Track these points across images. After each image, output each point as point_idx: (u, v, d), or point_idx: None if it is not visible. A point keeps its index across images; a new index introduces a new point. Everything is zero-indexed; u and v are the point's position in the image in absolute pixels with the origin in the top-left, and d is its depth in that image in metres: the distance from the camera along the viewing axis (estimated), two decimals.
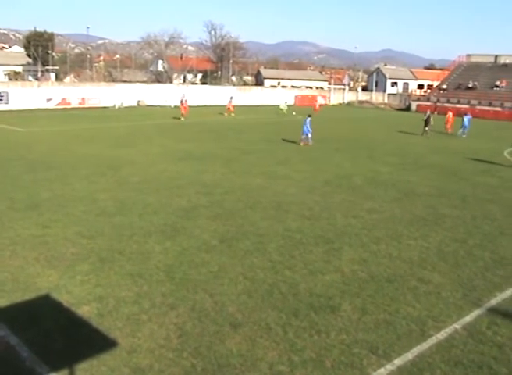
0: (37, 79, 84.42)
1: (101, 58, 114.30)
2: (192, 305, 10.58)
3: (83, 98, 71.79)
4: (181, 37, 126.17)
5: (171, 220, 16.52)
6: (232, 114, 61.87)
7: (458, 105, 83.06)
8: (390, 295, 11.46)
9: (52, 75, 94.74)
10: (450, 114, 53.09)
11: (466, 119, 49.37)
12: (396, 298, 11.32)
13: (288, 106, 70.15)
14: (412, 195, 21.81)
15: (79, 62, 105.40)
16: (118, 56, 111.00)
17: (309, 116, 37.82)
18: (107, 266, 12.51)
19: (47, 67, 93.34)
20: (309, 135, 36.74)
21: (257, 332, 9.56)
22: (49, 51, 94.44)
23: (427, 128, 48.29)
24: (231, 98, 65.44)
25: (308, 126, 36.61)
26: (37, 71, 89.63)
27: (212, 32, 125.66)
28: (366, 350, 9.09)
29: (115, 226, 15.68)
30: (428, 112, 51.21)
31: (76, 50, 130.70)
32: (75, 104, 70.21)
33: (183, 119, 54.42)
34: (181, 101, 59.69)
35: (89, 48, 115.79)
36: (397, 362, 8.75)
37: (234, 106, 64.33)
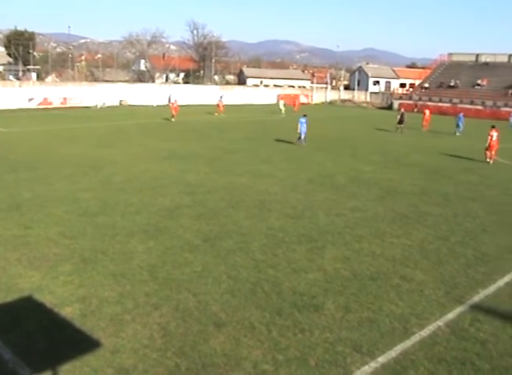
0: (18, 78, 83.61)
1: (83, 57, 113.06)
2: (175, 304, 10.54)
3: (64, 98, 71.21)
4: (163, 37, 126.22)
5: (154, 220, 16.45)
6: (222, 114, 61.17)
7: (440, 104, 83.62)
8: (373, 293, 11.46)
9: (34, 74, 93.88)
10: (427, 112, 53.94)
11: (460, 118, 50.86)
12: (379, 296, 11.32)
13: (284, 105, 69.34)
14: (394, 194, 21.89)
15: (60, 62, 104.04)
16: (100, 56, 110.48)
17: (304, 115, 37.47)
18: (90, 267, 12.42)
19: (28, 67, 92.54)
20: (302, 136, 36.54)
21: (240, 331, 9.53)
22: (30, 51, 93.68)
23: (402, 125, 49.56)
24: (221, 97, 65.03)
25: (305, 125, 36.48)
26: (18, 70, 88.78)
27: (194, 31, 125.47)
28: (350, 348, 9.07)
29: (98, 226, 15.58)
30: (402, 110, 52.24)
31: (58, 49, 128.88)
32: (57, 104, 69.61)
33: (173, 119, 53.26)
34: (169, 101, 59.69)
35: (71, 47, 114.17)
36: (381, 359, 8.75)
37: (224, 106, 63.64)
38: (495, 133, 33.19)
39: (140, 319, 9.91)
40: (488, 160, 32.85)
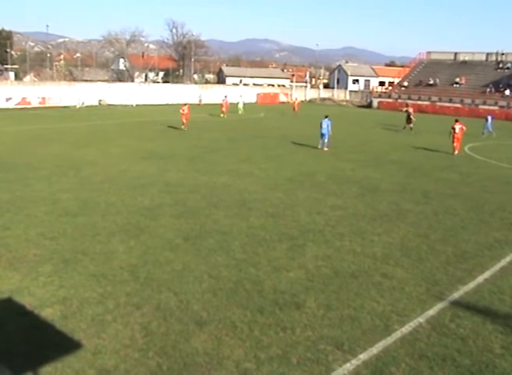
0: None
1: (62, 56, 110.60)
2: (157, 304, 10.50)
3: (43, 98, 70.55)
4: (142, 36, 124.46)
5: (134, 220, 16.38)
6: (225, 115, 59.08)
7: (419, 102, 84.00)
8: (354, 291, 11.46)
9: (11, 74, 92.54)
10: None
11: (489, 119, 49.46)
12: (360, 294, 11.32)
13: (244, 104, 69.22)
14: (375, 191, 21.99)
15: (39, 61, 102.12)
16: (79, 55, 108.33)
17: (326, 116, 35.21)
18: (70, 267, 12.34)
19: (6, 66, 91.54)
20: (326, 138, 34.67)
21: (222, 330, 9.52)
22: (8, 50, 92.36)
23: (411, 125, 48.46)
24: (225, 97, 63.57)
25: (329, 128, 34.59)
26: None
27: (174, 30, 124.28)
28: (331, 346, 9.07)
29: (78, 227, 15.48)
30: (409, 109, 51.00)
31: (36, 48, 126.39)
32: (35, 103, 68.90)
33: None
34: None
35: (49, 46, 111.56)
36: (362, 357, 8.77)
37: (228, 106, 61.52)
38: (458, 126, 35.06)
39: (122, 319, 9.86)
40: (454, 153, 34.54)
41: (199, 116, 58.70)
